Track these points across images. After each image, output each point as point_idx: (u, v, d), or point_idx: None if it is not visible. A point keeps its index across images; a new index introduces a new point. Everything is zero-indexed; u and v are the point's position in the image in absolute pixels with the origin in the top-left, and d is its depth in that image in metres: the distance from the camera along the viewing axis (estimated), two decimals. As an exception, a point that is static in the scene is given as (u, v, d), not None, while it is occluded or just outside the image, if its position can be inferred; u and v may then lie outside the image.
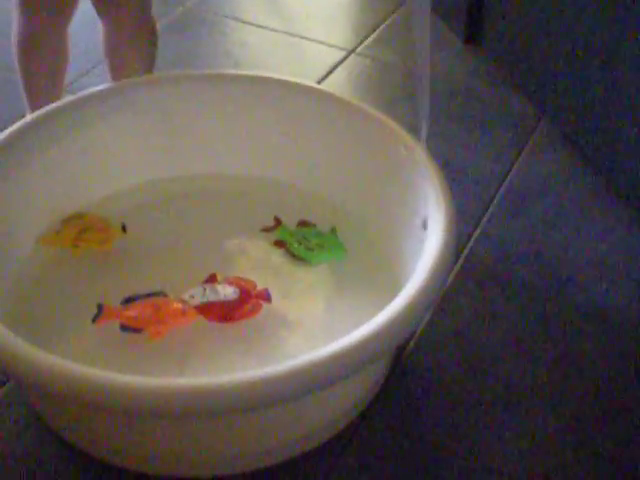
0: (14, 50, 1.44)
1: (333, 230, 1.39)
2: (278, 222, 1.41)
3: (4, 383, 1.22)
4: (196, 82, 1.47)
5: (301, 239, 1.36)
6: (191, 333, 1.21)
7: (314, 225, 1.40)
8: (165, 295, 1.24)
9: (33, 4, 1.37)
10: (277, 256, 1.36)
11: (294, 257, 1.35)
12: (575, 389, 1.26)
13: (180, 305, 1.22)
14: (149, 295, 1.23)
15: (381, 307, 1.04)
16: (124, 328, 1.19)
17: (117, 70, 1.50)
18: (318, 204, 1.44)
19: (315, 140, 1.45)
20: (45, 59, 1.45)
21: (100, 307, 1.21)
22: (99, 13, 1.44)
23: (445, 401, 1.23)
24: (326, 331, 1.22)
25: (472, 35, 2.03)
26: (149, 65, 1.50)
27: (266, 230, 1.40)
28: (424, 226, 1.17)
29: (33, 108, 1.45)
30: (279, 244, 1.37)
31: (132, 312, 1.20)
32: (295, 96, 1.45)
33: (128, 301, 1.22)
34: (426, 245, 1.12)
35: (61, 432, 1.14)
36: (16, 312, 1.21)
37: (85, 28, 1.65)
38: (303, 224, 1.40)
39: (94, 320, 1.21)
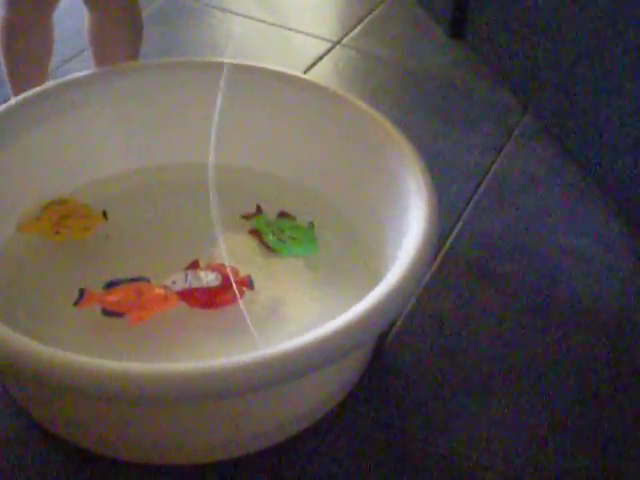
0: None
1: (311, 225, 1.38)
2: (259, 210, 1.41)
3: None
4: (179, 70, 1.46)
5: (276, 230, 1.36)
6: (173, 319, 1.21)
7: (293, 218, 1.40)
8: (147, 280, 1.24)
9: None
10: (257, 245, 1.36)
11: (267, 247, 1.35)
12: (557, 380, 1.26)
13: (162, 291, 1.22)
14: (131, 280, 1.23)
15: (363, 296, 1.04)
16: (106, 312, 1.20)
17: (101, 57, 1.49)
18: (301, 194, 1.44)
19: (299, 130, 1.45)
20: (30, 46, 1.43)
21: (82, 291, 1.21)
22: (85, 1, 1.43)
23: (426, 392, 1.24)
24: (308, 319, 1.22)
25: (457, 29, 2.03)
26: (133, 54, 1.50)
27: (246, 217, 1.40)
28: None
29: (17, 95, 1.44)
30: (253, 233, 1.37)
31: (114, 297, 1.20)
32: (279, 85, 1.45)
33: (110, 285, 1.22)
34: (408, 235, 1.12)
35: (42, 421, 1.14)
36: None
37: (70, 14, 1.65)
38: (283, 215, 1.40)
39: (75, 304, 1.20)
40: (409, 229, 1.13)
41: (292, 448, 1.14)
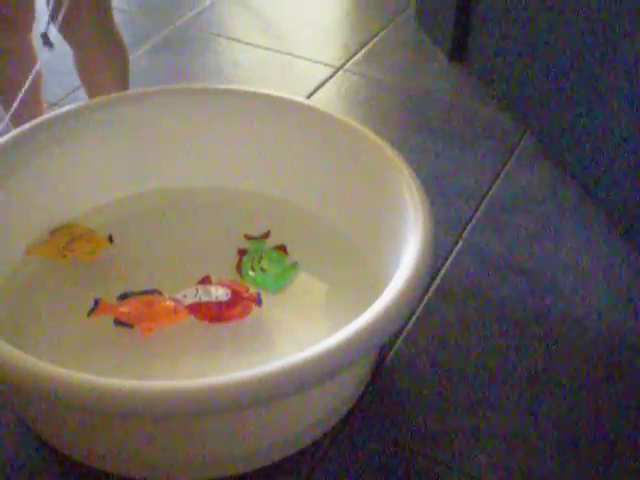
0: None
1: (294, 266, 1.38)
2: (265, 235, 1.44)
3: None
4: (180, 96, 1.50)
5: (256, 257, 1.38)
6: (181, 331, 1.25)
7: (284, 254, 1.40)
8: (160, 293, 1.28)
9: None
10: (233, 263, 1.39)
11: (238, 268, 1.38)
12: (554, 396, 1.28)
13: (172, 303, 1.26)
14: (144, 293, 1.27)
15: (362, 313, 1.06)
16: (117, 322, 1.24)
17: (92, 89, 1.53)
18: (302, 217, 1.47)
19: (299, 155, 1.48)
20: (12, 72, 1.47)
21: (97, 301, 1.26)
22: (63, 36, 1.46)
23: (426, 408, 1.25)
24: (313, 336, 1.24)
25: (458, 53, 2.07)
26: (121, 77, 1.53)
27: (248, 238, 1.43)
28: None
29: (14, 121, 1.48)
30: (241, 252, 1.40)
31: (126, 308, 1.25)
32: (280, 110, 1.48)
33: (123, 297, 1.27)
34: (404, 256, 1.14)
35: (45, 436, 1.16)
36: (9, 314, 1.26)
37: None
38: (278, 248, 1.41)
39: (89, 314, 1.25)
40: (406, 253, 1.15)
41: (291, 466, 1.15)
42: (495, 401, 1.27)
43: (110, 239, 1.41)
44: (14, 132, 1.37)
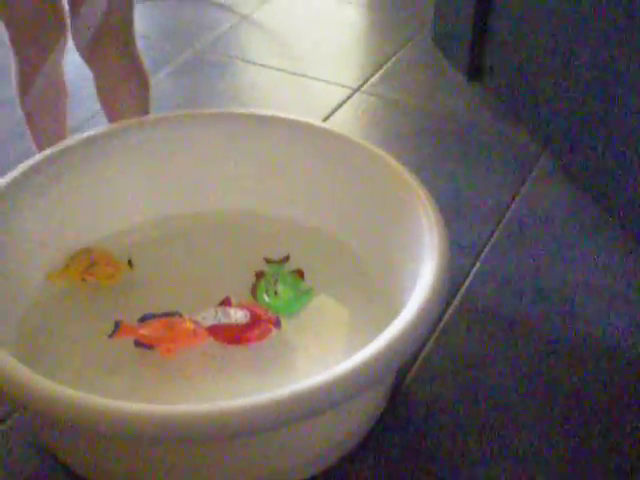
0: (16, 90, 1.49)
1: (309, 291, 1.38)
2: (285, 259, 1.44)
3: (11, 413, 1.25)
4: (199, 121, 1.51)
5: (272, 280, 1.38)
6: (200, 353, 1.26)
7: (300, 279, 1.40)
8: (180, 315, 1.29)
9: (21, 42, 1.42)
10: (249, 284, 1.40)
11: (252, 289, 1.38)
12: (576, 420, 1.27)
13: (192, 325, 1.27)
14: (164, 315, 1.29)
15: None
16: (138, 344, 1.26)
17: (112, 114, 1.55)
18: (320, 241, 1.48)
19: (318, 177, 1.49)
20: (41, 92, 1.49)
21: (117, 323, 1.28)
22: (84, 58, 1.49)
23: (444, 432, 1.25)
24: (330, 358, 1.25)
25: (474, 72, 2.07)
26: (143, 104, 1.54)
27: (268, 261, 1.44)
28: None
29: (37, 143, 1.50)
30: (258, 275, 1.41)
31: (146, 330, 1.27)
32: (298, 133, 1.48)
33: (144, 319, 1.29)
34: (420, 279, 1.14)
35: (66, 460, 1.17)
36: (32, 338, 1.27)
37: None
38: (296, 272, 1.42)
39: (111, 335, 1.27)
40: (421, 277, 1.15)
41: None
42: (516, 425, 1.26)
43: (130, 263, 1.42)
44: (34, 158, 1.39)
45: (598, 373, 1.34)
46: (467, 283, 1.50)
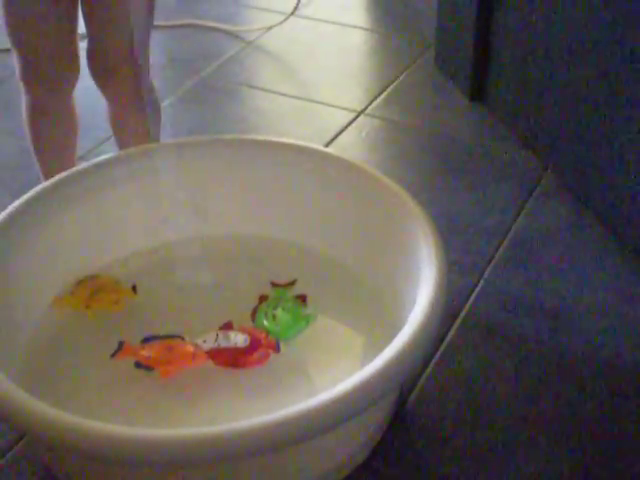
0: (25, 126, 1.51)
1: (309, 317, 1.39)
2: (291, 283, 1.45)
3: (18, 440, 1.26)
4: (201, 148, 1.53)
5: (273, 304, 1.39)
6: (199, 375, 1.27)
7: (302, 304, 1.41)
8: (182, 338, 1.31)
9: (33, 80, 1.44)
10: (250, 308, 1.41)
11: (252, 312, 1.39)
12: (581, 437, 1.26)
13: (192, 348, 1.29)
14: (166, 337, 1.31)
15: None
16: (138, 365, 1.28)
17: (123, 141, 1.57)
18: (321, 262, 1.49)
19: (318, 200, 1.50)
20: (51, 131, 1.52)
21: (121, 344, 1.31)
22: (99, 87, 1.51)
23: (447, 453, 1.24)
24: (329, 381, 1.24)
25: (476, 92, 2.09)
26: (154, 133, 1.57)
27: (274, 285, 1.45)
28: None
29: (44, 175, 1.52)
30: (261, 298, 1.42)
31: (148, 351, 1.29)
32: (297, 158, 1.50)
33: (146, 340, 1.31)
34: (418, 299, 1.15)
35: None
36: (36, 363, 1.30)
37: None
38: (299, 297, 1.42)
39: (113, 355, 1.29)
40: (419, 295, 1.16)
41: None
42: (519, 443, 1.25)
43: (134, 289, 1.44)
44: (40, 186, 1.41)
45: (603, 392, 1.34)
46: (470, 301, 1.51)
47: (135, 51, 1.45)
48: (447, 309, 1.23)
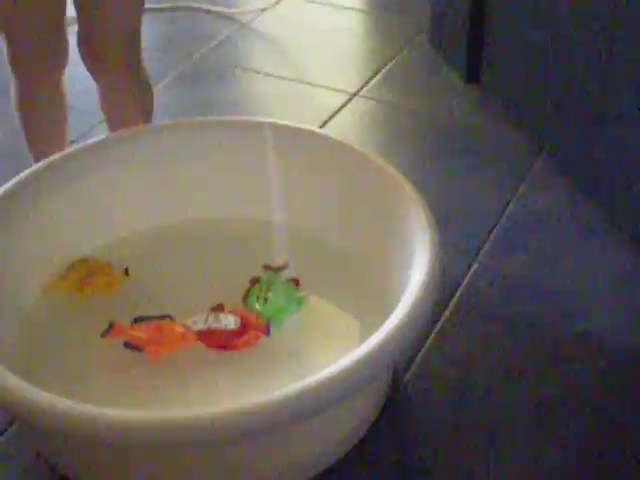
0: (14, 111, 1.50)
1: (301, 300, 1.38)
2: (282, 267, 1.44)
3: (9, 425, 1.26)
4: (197, 129, 1.52)
5: (265, 287, 1.39)
6: (188, 357, 1.27)
7: (294, 287, 1.40)
8: (172, 319, 1.31)
9: (22, 64, 1.43)
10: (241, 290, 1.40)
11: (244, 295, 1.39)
12: (575, 420, 1.26)
13: (182, 329, 1.29)
14: (157, 317, 1.30)
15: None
16: (127, 345, 1.27)
17: (114, 123, 1.56)
18: (315, 245, 1.48)
19: (311, 182, 1.49)
20: (41, 115, 1.50)
21: (111, 324, 1.30)
22: (89, 70, 1.49)
23: (442, 432, 1.25)
24: (318, 364, 1.24)
25: (472, 74, 2.07)
26: (146, 116, 1.55)
27: (266, 268, 1.44)
28: None
29: (37, 160, 1.50)
30: (252, 282, 1.41)
31: (138, 332, 1.29)
32: (290, 140, 1.50)
33: (137, 321, 1.30)
34: (411, 281, 1.15)
35: (64, 471, 1.18)
36: (28, 345, 1.30)
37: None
38: (292, 281, 1.41)
39: (103, 335, 1.29)
40: (412, 276, 1.16)
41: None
42: (513, 426, 1.25)
43: (126, 272, 1.43)
44: (31, 168, 1.40)
45: (597, 373, 1.33)
46: (464, 284, 1.50)
47: (126, 34, 1.44)
48: (441, 291, 1.22)
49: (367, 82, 2.14)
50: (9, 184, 1.35)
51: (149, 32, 2.39)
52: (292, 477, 1.15)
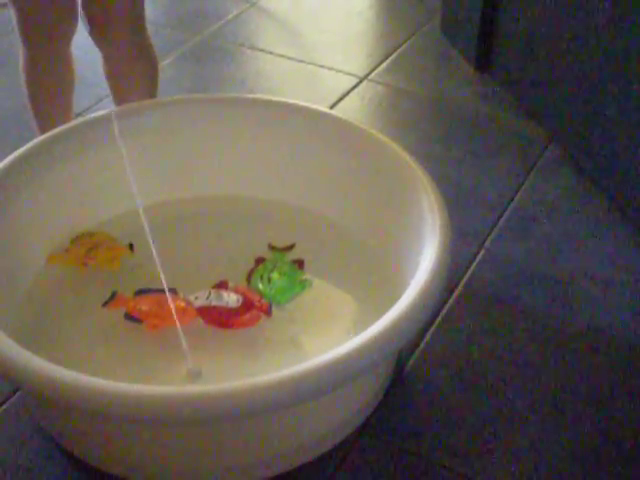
0: (22, 80, 1.49)
1: (305, 283, 1.37)
2: (289, 247, 1.43)
3: (10, 395, 1.25)
4: (203, 105, 1.50)
5: (270, 267, 1.38)
6: (187, 332, 1.24)
7: (299, 270, 1.39)
8: (175, 292, 1.29)
9: (30, 32, 1.42)
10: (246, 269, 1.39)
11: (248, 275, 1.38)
12: (578, 409, 1.26)
13: (182, 304, 1.28)
14: (160, 291, 1.28)
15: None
16: (128, 317, 1.27)
17: (119, 95, 1.54)
18: (322, 226, 1.47)
19: (320, 162, 1.48)
20: (48, 85, 1.49)
21: (114, 294, 1.31)
22: (95, 41, 1.48)
23: (445, 418, 1.24)
24: (317, 346, 1.24)
25: (482, 62, 2.06)
26: (151, 88, 1.54)
27: (271, 248, 1.43)
28: None
29: (41, 130, 1.49)
30: (258, 261, 1.40)
31: (139, 303, 1.28)
32: (300, 119, 1.48)
33: (140, 293, 1.30)
34: (420, 264, 1.14)
35: (63, 442, 1.17)
36: (32, 317, 1.29)
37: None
38: (296, 262, 1.40)
39: (105, 304, 1.29)
40: (421, 262, 1.15)
41: (310, 473, 1.15)
42: (516, 413, 1.25)
43: (131, 247, 1.41)
44: (36, 140, 1.38)
45: (602, 363, 1.33)
46: (471, 270, 1.49)
47: (131, 6, 1.43)
48: (449, 278, 1.21)
49: (377, 66, 2.12)
50: (13, 156, 1.33)
51: (158, 8, 2.39)
52: (295, 457, 1.14)
